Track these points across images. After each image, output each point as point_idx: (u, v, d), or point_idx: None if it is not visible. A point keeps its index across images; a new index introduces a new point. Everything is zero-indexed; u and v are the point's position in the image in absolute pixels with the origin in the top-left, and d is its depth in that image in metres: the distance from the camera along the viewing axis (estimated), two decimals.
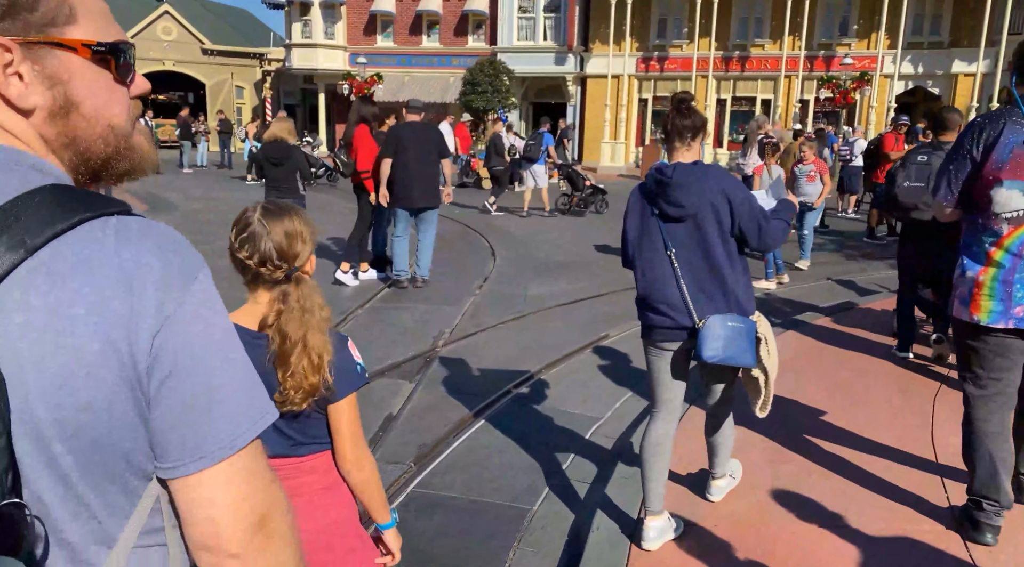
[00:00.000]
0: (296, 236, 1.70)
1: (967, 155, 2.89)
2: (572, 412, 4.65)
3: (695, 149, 2.93)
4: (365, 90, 26.37)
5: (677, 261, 2.81)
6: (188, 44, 33.07)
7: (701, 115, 2.94)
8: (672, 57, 27.15)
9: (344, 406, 1.72)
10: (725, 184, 2.81)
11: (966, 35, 24.55)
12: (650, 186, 2.91)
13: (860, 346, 5.87)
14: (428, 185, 7.46)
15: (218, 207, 14.56)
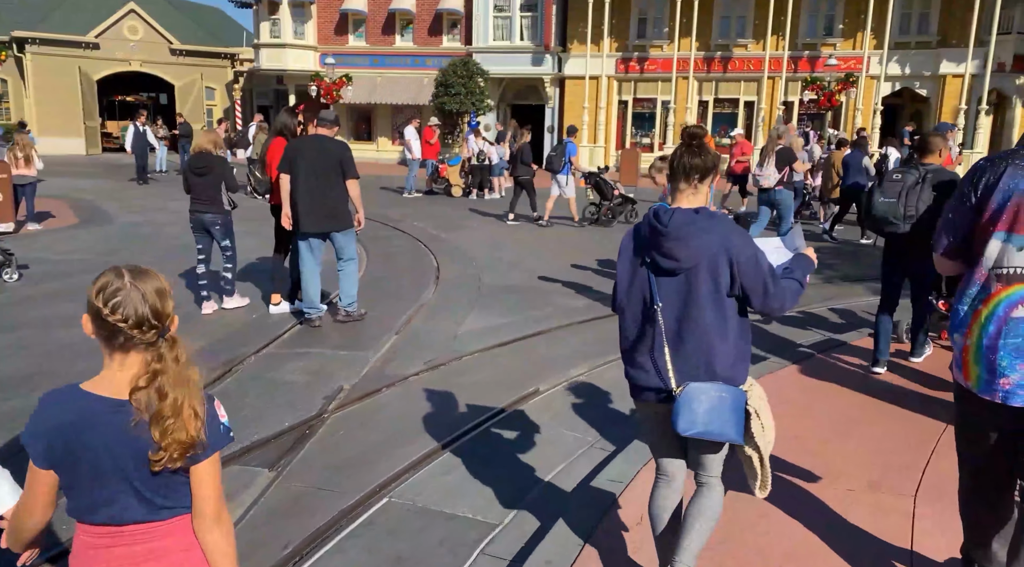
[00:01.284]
0: (166, 294, 1.72)
1: (966, 201, 2.59)
2: (461, 515, 3.73)
3: (702, 193, 2.61)
4: (334, 92, 25.40)
5: (663, 317, 2.54)
6: (156, 44, 31.99)
7: (714, 154, 2.60)
8: (652, 58, 26.28)
9: (208, 466, 1.72)
10: (730, 239, 2.48)
11: (954, 34, 23.78)
12: (644, 232, 2.60)
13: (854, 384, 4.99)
14: (330, 207, 6.62)
15: (156, 219, 13.60)
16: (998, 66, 22.93)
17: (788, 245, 2.89)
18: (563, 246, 11.70)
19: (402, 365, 5.90)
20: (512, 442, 4.57)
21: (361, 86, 28.32)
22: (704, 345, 2.51)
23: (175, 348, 1.71)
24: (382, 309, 7.49)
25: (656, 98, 26.78)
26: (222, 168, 7.18)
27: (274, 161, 6.96)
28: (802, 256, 2.79)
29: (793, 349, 6.24)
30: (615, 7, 25.73)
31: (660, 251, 2.52)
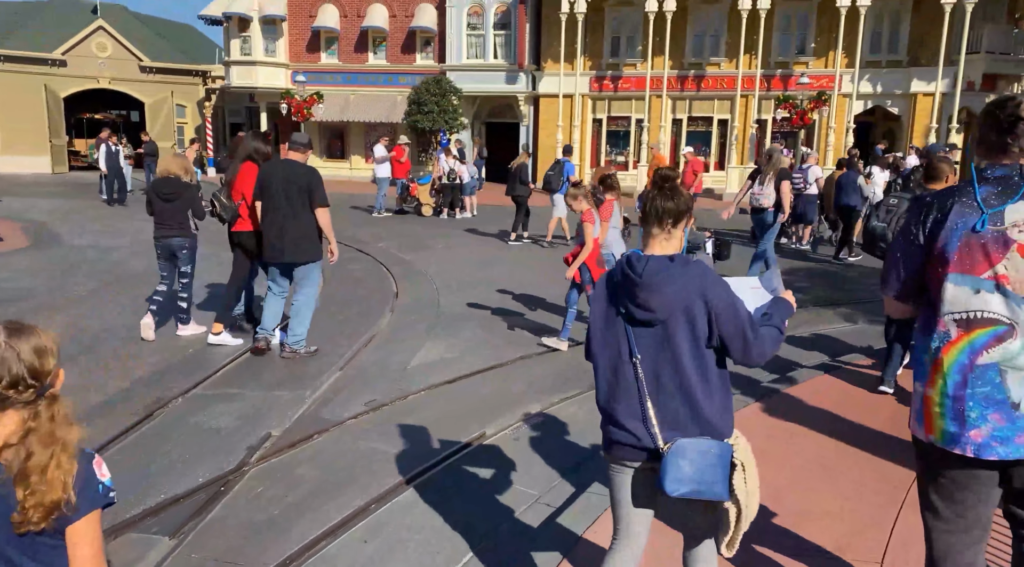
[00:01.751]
0: (46, 352, 1.68)
1: (913, 240, 2.40)
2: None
3: (676, 238, 2.50)
4: (305, 110, 25.02)
5: (642, 370, 2.41)
6: (125, 61, 31.45)
7: (688, 197, 2.51)
8: (626, 76, 26.19)
9: (83, 526, 1.66)
10: (706, 286, 2.37)
11: (924, 54, 23.92)
12: (617, 280, 2.48)
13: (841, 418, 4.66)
14: (296, 236, 6.34)
15: (105, 243, 13.12)
16: (968, 85, 23.05)
17: (766, 286, 2.73)
18: (536, 267, 11.37)
19: (341, 406, 5.51)
20: (451, 497, 4.19)
21: (333, 104, 27.97)
22: (687, 399, 2.39)
23: (53, 406, 1.68)
24: (329, 341, 7.10)
25: (630, 116, 26.68)
26: (191, 194, 7.07)
27: (244, 188, 6.68)
28: (781, 300, 2.65)
29: (755, 385, 5.92)
30: (588, 26, 25.65)
31: (634, 301, 2.40)
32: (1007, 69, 24.22)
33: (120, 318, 7.83)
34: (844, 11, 22.79)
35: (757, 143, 25.08)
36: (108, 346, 6.86)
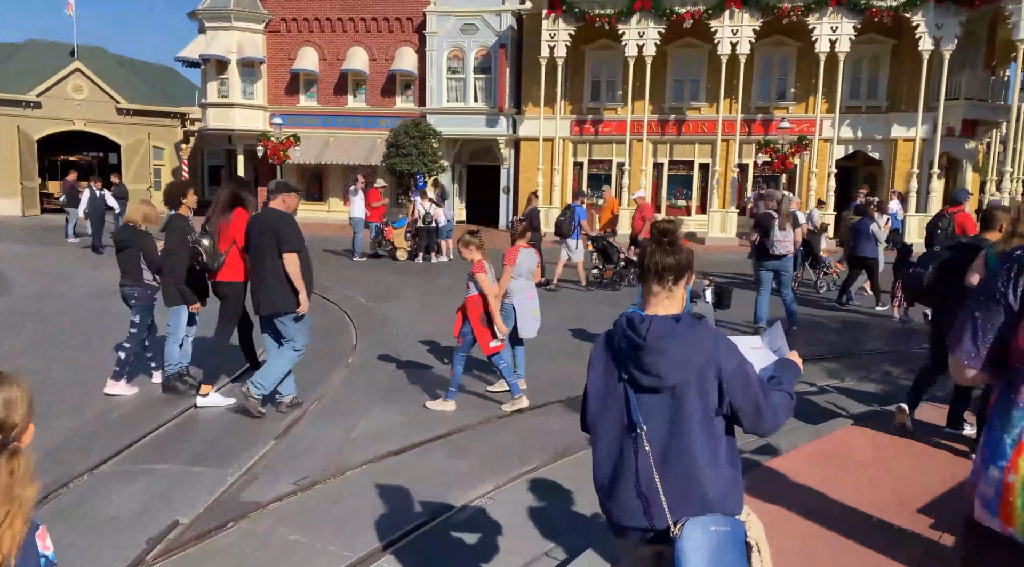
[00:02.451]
0: (15, 404, 1.66)
1: (1000, 299, 2.15)
2: None
3: (678, 296, 2.34)
4: (281, 152, 24.64)
5: (649, 443, 2.21)
6: (102, 103, 31.09)
7: (689, 252, 2.36)
8: (607, 120, 26.07)
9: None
10: (717, 350, 2.21)
11: (903, 100, 23.97)
12: (619, 344, 2.31)
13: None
14: (266, 287, 6.06)
15: (58, 290, 12.46)
16: (947, 130, 23.05)
17: (770, 346, 2.54)
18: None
19: (265, 486, 4.87)
20: None
21: (312, 146, 27.63)
22: (695, 473, 2.20)
23: (13, 461, 1.64)
24: (267, 405, 6.47)
25: (611, 160, 26.49)
26: (142, 243, 6.80)
27: (236, 234, 6.42)
28: (787, 362, 2.46)
29: None
30: (569, 70, 25.58)
31: (639, 366, 2.23)
32: (986, 115, 24.29)
33: (49, 374, 7.18)
34: (823, 57, 22.84)
35: (739, 187, 24.89)
36: None
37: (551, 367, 8.03)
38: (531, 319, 7.00)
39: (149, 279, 6.86)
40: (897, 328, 10.90)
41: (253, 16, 27.58)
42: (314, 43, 27.98)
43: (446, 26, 26.56)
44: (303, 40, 27.98)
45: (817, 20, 22.63)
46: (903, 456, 5.39)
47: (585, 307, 12.06)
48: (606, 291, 13.81)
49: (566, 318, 10.86)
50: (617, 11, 23.63)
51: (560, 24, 24.31)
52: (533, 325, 7.03)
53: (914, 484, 4.82)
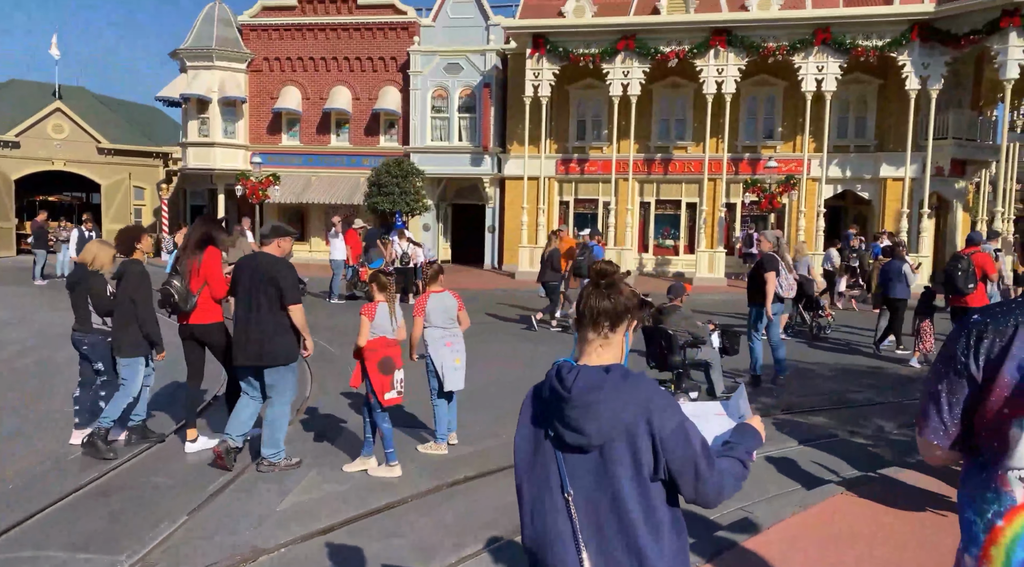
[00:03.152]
0: None
1: (962, 371, 1.94)
2: None
3: (615, 344, 2.07)
4: (260, 191, 24.16)
5: (576, 509, 1.95)
6: (83, 143, 30.70)
7: (629, 296, 2.08)
8: (592, 159, 25.76)
9: None
10: (650, 405, 1.92)
11: (891, 139, 23.72)
12: (545, 396, 2.03)
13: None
14: (259, 338, 5.78)
15: (6, 336, 11.75)
16: (936, 170, 22.75)
17: (730, 412, 2.30)
18: (500, 359, 10.11)
19: None
20: None
21: (293, 185, 27.19)
22: (631, 544, 1.94)
23: None
24: (191, 471, 5.78)
25: (597, 199, 26.10)
26: (90, 284, 6.43)
27: (209, 274, 6.20)
28: (747, 427, 2.21)
29: (705, 534, 4.66)
30: (553, 109, 25.33)
31: (564, 421, 1.99)
32: (975, 154, 24.05)
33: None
34: (810, 96, 22.62)
35: (727, 227, 24.48)
36: None
37: None
38: (452, 370, 6.40)
39: (98, 323, 6.49)
40: (900, 374, 10.28)
41: (235, 55, 27.37)
42: (297, 82, 27.74)
43: (430, 65, 26.38)
44: (286, 79, 27.75)
45: (803, 59, 22.47)
46: (905, 529, 4.72)
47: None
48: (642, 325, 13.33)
49: None
50: (601, 51, 23.46)
51: (544, 63, 24.11)
52: (456, 376, 6.43)
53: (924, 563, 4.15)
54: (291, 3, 27.56)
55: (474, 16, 26.27)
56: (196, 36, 27.14)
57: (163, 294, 6.09)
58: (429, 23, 26.56)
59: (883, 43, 21.85)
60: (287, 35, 27.55)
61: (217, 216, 24.66)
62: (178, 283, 6.09)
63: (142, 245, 6.58)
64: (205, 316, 6.27)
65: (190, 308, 6.15)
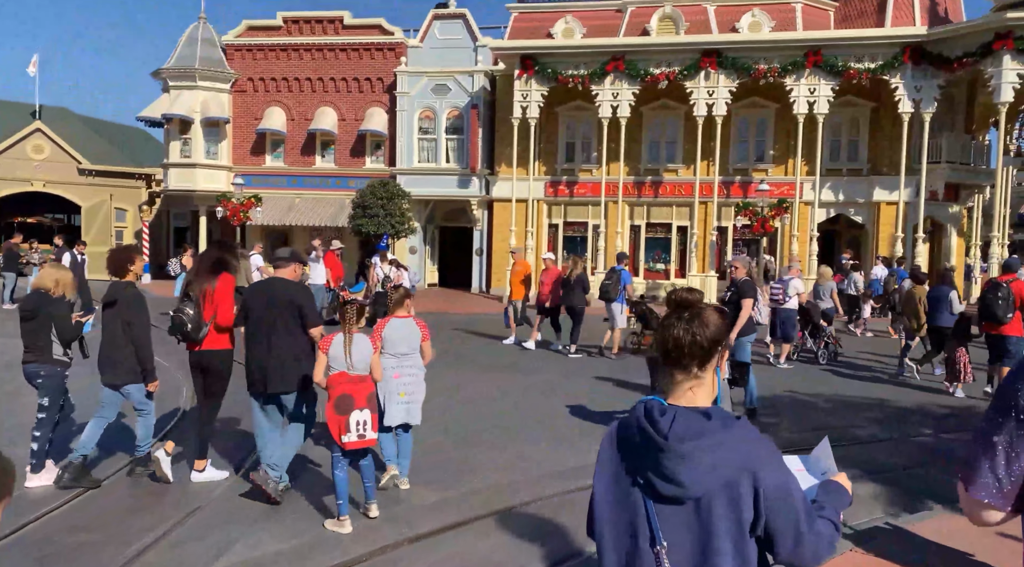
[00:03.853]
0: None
1: (1022, 421, 1.66)
2: None
3: (707, 383, 1.89)
4: (241, 213, 23.58)
5: (668, 563, 1.81)
6: (63, 164, 30.15)
7: (718, 326, 1.88)
8: (582, 181, 25.34)
9: None
10: (754, 457, 1.78)
11: (884, 163, 23.39)
12: (634, 440, 1.86)
13: None
14: (276, 363, 5.65)
15: None
16: (930, 194, 22.40)
17: (811, 467, 2.06)
18: (479, 390, 9.50)
19: None
20: None
21: (277, 207, 26.65)
22: None
23: None
24: (120, 524, 5.12)
25: (587, 222, 25.64)
26: (53, 310, 6.02)
27: (221, 301, 5.99)
28: (834, 484, 1.98)
29: None
30: (542, 131, 24.96)
31: (660, 472, 1.80)
32: (968, 179, 23.76)
33: None
34: (802, 119, 22.31)
35: (718, 251, 24.03)
36: None
37: (518, 451, 6.72)
38: (395, 403, 5.84)
39: (59, 354, 6.04)
40: (908, 406, 9.70)
41: (219, 75, 26.94)
42: (282, 103, 27.31)
43: (417, 86, 26.00)
44: (270, 100, 27.32)
45: (794, 82, 22.18)
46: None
47: (607, 377, 10.85)
48: (641, 360, 12.87)
49: (562, 391, 9.60)
50: (590, 72, 23.14)
51: (533, 85, 23.77)
52: (397, 410, 5.84)
53: None
54: (277, 23, 27.22)
55: (462, 37, 25.97)
56: (179, 56, 26.74)
57: (174, 322, 5.90)
58: (416, 44, 26.24)
59: (875, 66, 21.59)
60: (272, 55, 27.17)
61: (228, 239, 24.01)
62: (191, 311, 5.88)
63: (135, 267, 6.22)
64: (219, 342, 6.06)
65: (202, 337, 5.96)
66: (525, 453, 7.12)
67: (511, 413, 8.83)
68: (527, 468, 6.68)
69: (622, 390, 10.28)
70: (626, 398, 9.68)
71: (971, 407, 9.61)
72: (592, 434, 7.75)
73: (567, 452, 7.13)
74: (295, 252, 6.06)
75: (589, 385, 10.64)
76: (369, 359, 5.29)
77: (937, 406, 9.81)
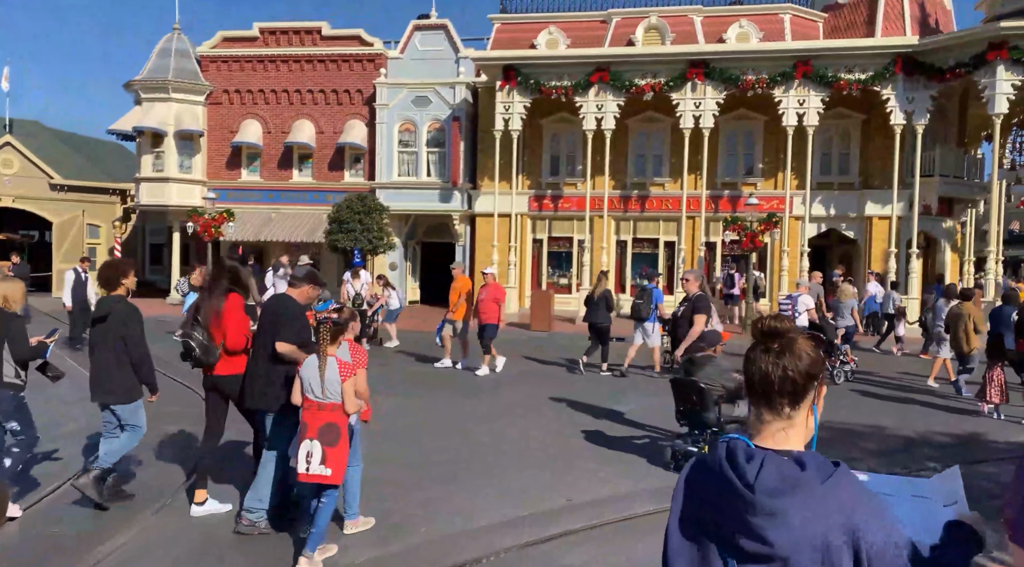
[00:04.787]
0: None
1: None
2: None
3: (799, 424, 1.67)
4: (213, 228, 22.73)
5: None
6: (34, 179, 29.26)
7: (814, 359, 1.67)
8: (567, 195, 24.63)
9: None
10: (855, 514, 1.55)
11: (876, 176, 22.77)
12: (713, 487, 1.65)
13: None
14: (257, 381, 5.50)
15: None
16: (924, 208, 21.77)
17: (932, 494, 1.79)
18: (474, 413, 8.64)
19: None
20: None
21: (252, 222, 25.81)
22: None
23: None
24: (53, 550, 4.27)
25: (572, 237, 24.90)
26: (8, 328, 5.62)
27: (230, 322, 5.70)
28: (961, 528, 1.69)
29: None
30: (525, 144, 24.28)
31: (742, 527, 1.58)
32: (962, 192, 23.18)
33: None
34: (791, 131, 21.70)
35: (706, 266, 23.31)
36: None
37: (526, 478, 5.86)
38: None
39: (11, 376, 5.60)
40: (941, 433, 8.91)
41: (193, 87, 26.19)
42: (258, 115, 26.56)
43: (397, 98, 25.31)
44: (246, 112, 26.57)
45: (783, 93, 21.59)
46: None
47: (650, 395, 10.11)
48: (633, 380, 12.36)
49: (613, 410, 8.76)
50: (574, 83, 22.50)
51: (515, 96, 23.10)
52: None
53: None
54: (253, 34, 26.54)
55: (444, 48, 25.33)
56: (152, 67, 26.00)
57: (184, 346, 5.69)
58: (397, 55, 25.59)
59: (866, 76, 21.03)
60: (248, 67, 26.46)
61: (241, 257, 23.13)
62: (199, 335, 5.63)
63: (127, 281, 5.94)
64: (231, 366, 5.72)
65: (213, 361, 5.70)
66: (474, 500, 6.28)
67: (462, 448, 7.99)
68: (473, 517, 5.84)
69: (582, 415, 9.45)
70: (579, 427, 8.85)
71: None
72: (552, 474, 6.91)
73: (517, 498, 6.30)
74: (311, 273, 5.78)
75: (554, 412, 9.81)
76: (338, 385, 4.71)
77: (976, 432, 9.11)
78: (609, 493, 6.39)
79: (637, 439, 8.36)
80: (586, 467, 7.14)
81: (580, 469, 7.08)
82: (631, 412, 9.64)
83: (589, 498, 6.24)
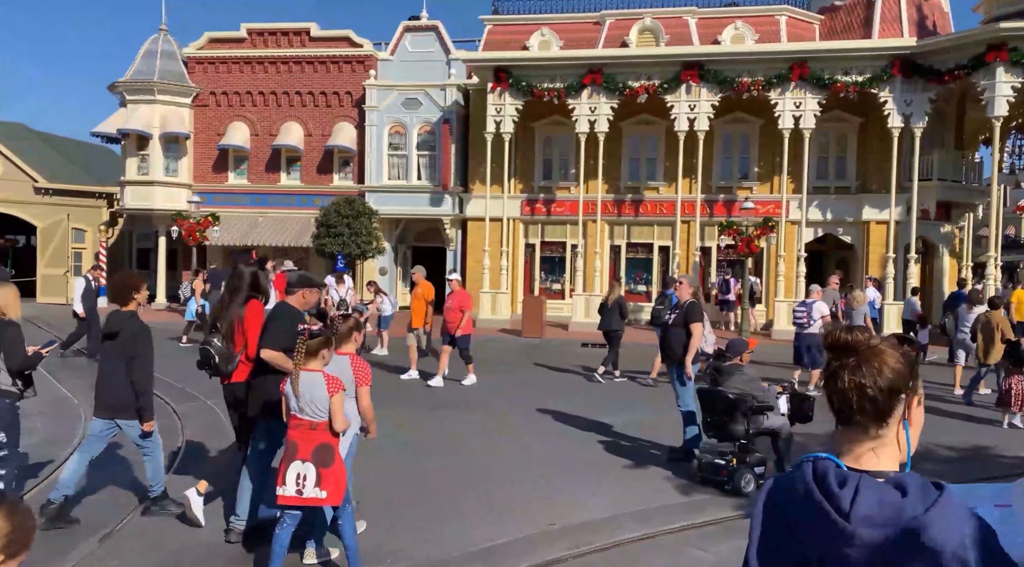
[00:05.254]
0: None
1: None
2: None
3: (890, 440, 1.53)
4: (197, 232, 22.24)
5: None
6: (17, 182, 28.66)
7: (896, 368, 1.51)
8: (560, 199, 24.22)
9: None
10: (967, 542, 1.37)
11: (873, 180, 22.40)
12: (798, 513, 1.48)
13: None
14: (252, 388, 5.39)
15: None
16: (922, 213, 21.41)
17: (1018, 501, 1.80)
18: (489, 438, 8.16)
19: None
20: None
21: (238, 226, 25.33)
22: None
23: None
24: None
25: (565, 241, 24.47)
26: (3, 337, 5.34)
27: (250, 330, 5.55)
28: None
29: None
30: (518, 147, 23.86)
31: (837, 559, 1.42)
32: (960, 197, 22.84)
33: None
34: (787, 134, 21.32)
35: (701, 271, 22.91)
36: None
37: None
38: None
39: (6, 384, 5.32)
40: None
41: (179, 89, 25.73)
42: (245, 118, 26.11)
43: (387, 101, 24.88)
44: (233, 115, 26.11)
45: (779, 95, 21.21)
46: None
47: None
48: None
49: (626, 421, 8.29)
50: (567, 85, 22.10)
51: (507, 98, 22.68)
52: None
53: None
54: (241, 35, 26.11)
55: (435, 50, 24.93)
56: (137, 69, 25.54)
57: (202, 355, 5.65)
58: (387, 56, 25.18)
59: (863, 79, 20.66)
60: (236, 68, 26.02)
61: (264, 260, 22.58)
62: (218, 342, 5.59)
63: (139, 296, 5.76)
64: (243, 374, 5.57)
65: (232, 369, 5.64)
66: (448, 526, 5.82)
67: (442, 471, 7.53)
68: (446, 546, 5.38)
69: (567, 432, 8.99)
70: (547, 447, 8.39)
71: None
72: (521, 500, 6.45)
73: (509, 521, 5.84)
74: (303, 277, 5.65)
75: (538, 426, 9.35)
76: (326, 402, 4.33)
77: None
78: (592, 516, 5.94)
79: (651, 450, 7.91)
80: (579, 481, 6.69)
81: (571, 486, 6.62)
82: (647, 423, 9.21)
83: (576, 521, 5.79)
